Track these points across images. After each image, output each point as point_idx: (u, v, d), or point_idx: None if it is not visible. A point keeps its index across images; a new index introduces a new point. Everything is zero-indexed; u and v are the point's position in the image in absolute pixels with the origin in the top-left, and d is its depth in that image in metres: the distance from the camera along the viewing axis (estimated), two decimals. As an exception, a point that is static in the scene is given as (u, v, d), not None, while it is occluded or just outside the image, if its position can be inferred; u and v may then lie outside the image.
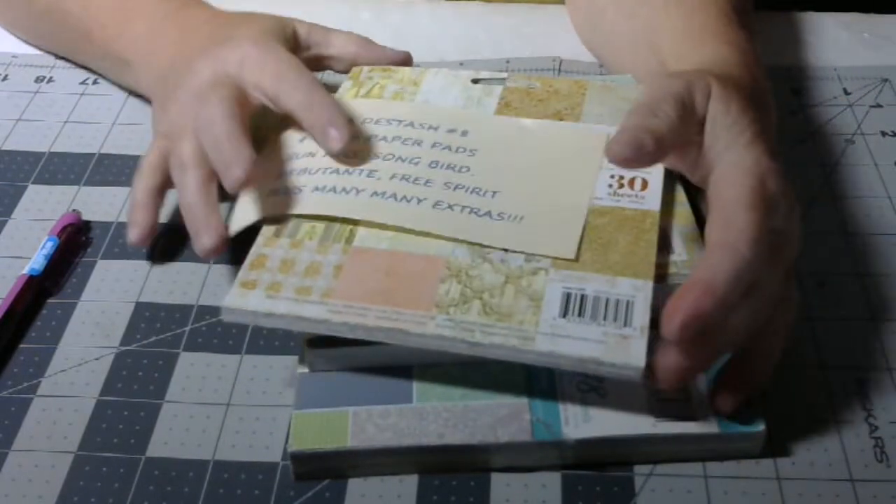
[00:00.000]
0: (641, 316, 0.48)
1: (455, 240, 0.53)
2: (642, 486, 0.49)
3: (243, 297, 0.51)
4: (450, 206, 0.55)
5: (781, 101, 0.72)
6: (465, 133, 0.60)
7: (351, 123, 0.59)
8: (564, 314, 0.48)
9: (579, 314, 0.48)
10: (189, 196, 0.57)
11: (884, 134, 0.69)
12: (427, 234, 0.53)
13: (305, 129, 0.58)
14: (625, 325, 0.48)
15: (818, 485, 0.49)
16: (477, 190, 0.56)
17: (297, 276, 0.51)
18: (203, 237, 0.56)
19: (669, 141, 0.50)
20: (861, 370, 0.54)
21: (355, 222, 0.54)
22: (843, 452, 0.50)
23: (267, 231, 0.54)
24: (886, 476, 0.49)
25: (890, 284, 0.58)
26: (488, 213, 0.54)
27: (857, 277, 0.59)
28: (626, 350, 0.47)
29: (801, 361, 0.54)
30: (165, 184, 0.61)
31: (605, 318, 0.48)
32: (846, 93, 0.73)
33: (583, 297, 0.49)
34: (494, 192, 0.56)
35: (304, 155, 0.59)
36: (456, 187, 0.56)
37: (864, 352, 0.55)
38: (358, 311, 0.49)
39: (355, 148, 0.59)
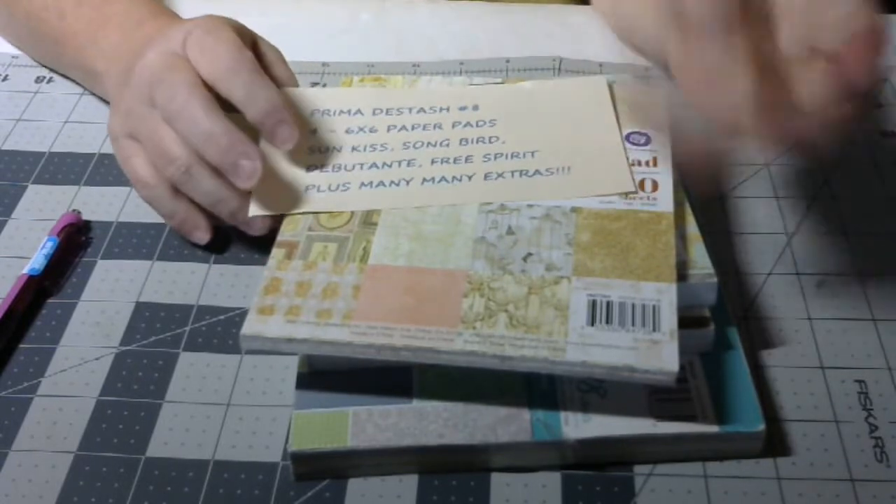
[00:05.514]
0: (669, 319, 0.48)
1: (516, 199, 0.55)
2: (642, 486, 0.49)
3: (262, 323, 0.49)
4: (500, 175, 0.56)
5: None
6: (476, 108, 0.61)
7: (297, 116, 0.57)
8: (592, 322, 0.48)
9: (607, 321, 0.48)
10: (170, 206, 0.60)
11: (884, 134, 0.69)
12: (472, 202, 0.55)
13: (250, 122, 0.57)
14: (654, 329, 0.48)
15: (818, 485, 0.49)
16: (516, 154, 0.58)
17: (316, 299, 0.50)
18: (195, 234, 0.60)
19: None
20: (861, 370, 0.54)
21: (369, 238, 0.53)
22: (843, 452, 0.50)
23: (278, 254, 0.53)
24: (886, 476, 0.49)
25: (890, 284, 0.58)
26: (537, 172, 0.56)
27: (857, 277, 0.59)
28: (659, 355, 0.47)
29: (801, 361, 0.54)
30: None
31: (633, 324, 0.48)
32: (846, 93, 0.73)
33: (608, 304, 0.49)
34: (534, 152, 0.57)
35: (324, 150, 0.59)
36: (496, 156, 0.58)
37: (864, 352, 0.55)
38: (382, 332, 0.48)
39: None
